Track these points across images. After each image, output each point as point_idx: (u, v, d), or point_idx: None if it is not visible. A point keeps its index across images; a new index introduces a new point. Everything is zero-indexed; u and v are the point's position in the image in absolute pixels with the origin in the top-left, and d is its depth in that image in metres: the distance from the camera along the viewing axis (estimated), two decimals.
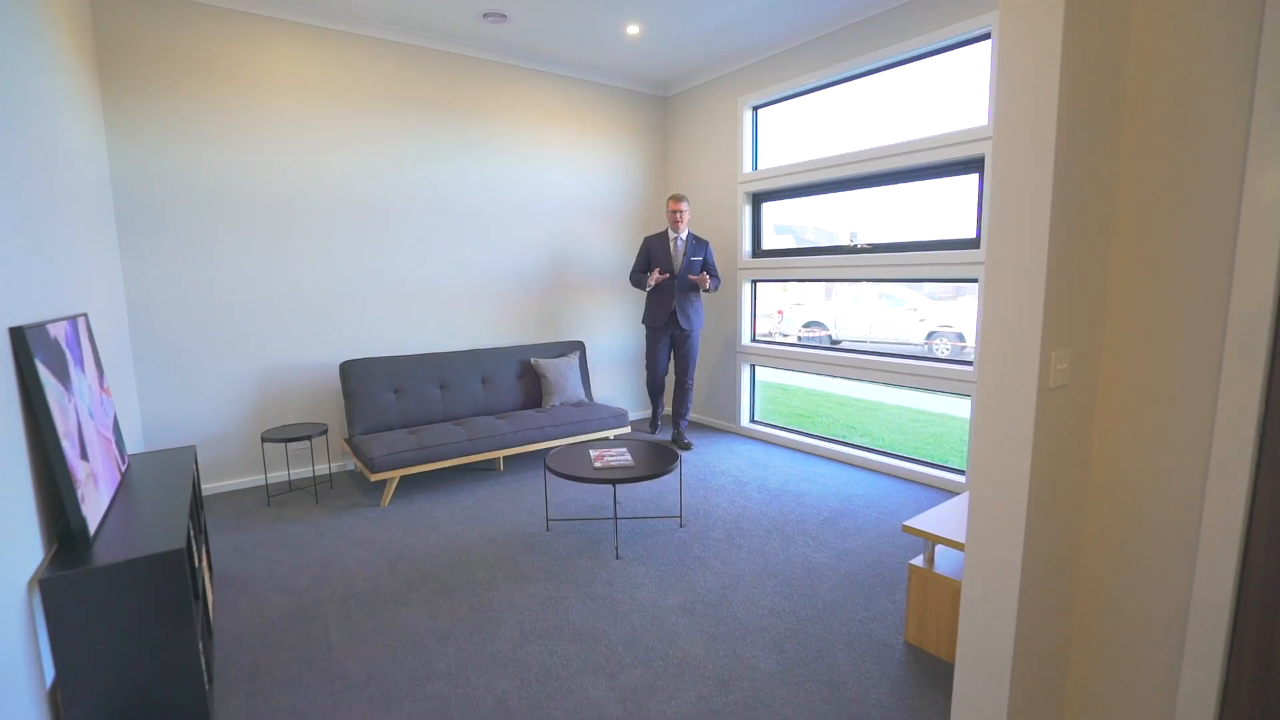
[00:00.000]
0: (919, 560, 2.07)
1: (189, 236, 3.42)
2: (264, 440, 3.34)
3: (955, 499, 2.26)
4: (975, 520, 1.38)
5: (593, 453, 3.06)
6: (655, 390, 4.55)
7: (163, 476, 2.16)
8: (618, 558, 2.75)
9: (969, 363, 3.47)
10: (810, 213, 5.25)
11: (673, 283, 4.22)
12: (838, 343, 13.31)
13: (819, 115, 4.27)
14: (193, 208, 3.41)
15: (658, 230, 4.87)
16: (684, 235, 4.27)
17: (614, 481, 2.69)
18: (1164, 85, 1.27)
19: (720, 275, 4.47)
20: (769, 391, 6.99)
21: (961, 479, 3.52)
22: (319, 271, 3.81)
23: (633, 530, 3.03)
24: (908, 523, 2.04)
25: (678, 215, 4.21)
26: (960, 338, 12.90)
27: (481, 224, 4.37)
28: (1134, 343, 1.35)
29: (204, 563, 2.30)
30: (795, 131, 4.43)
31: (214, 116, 3.42)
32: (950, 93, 3.52)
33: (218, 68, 3.41)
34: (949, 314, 11.08)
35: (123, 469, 2.15)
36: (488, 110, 4.33)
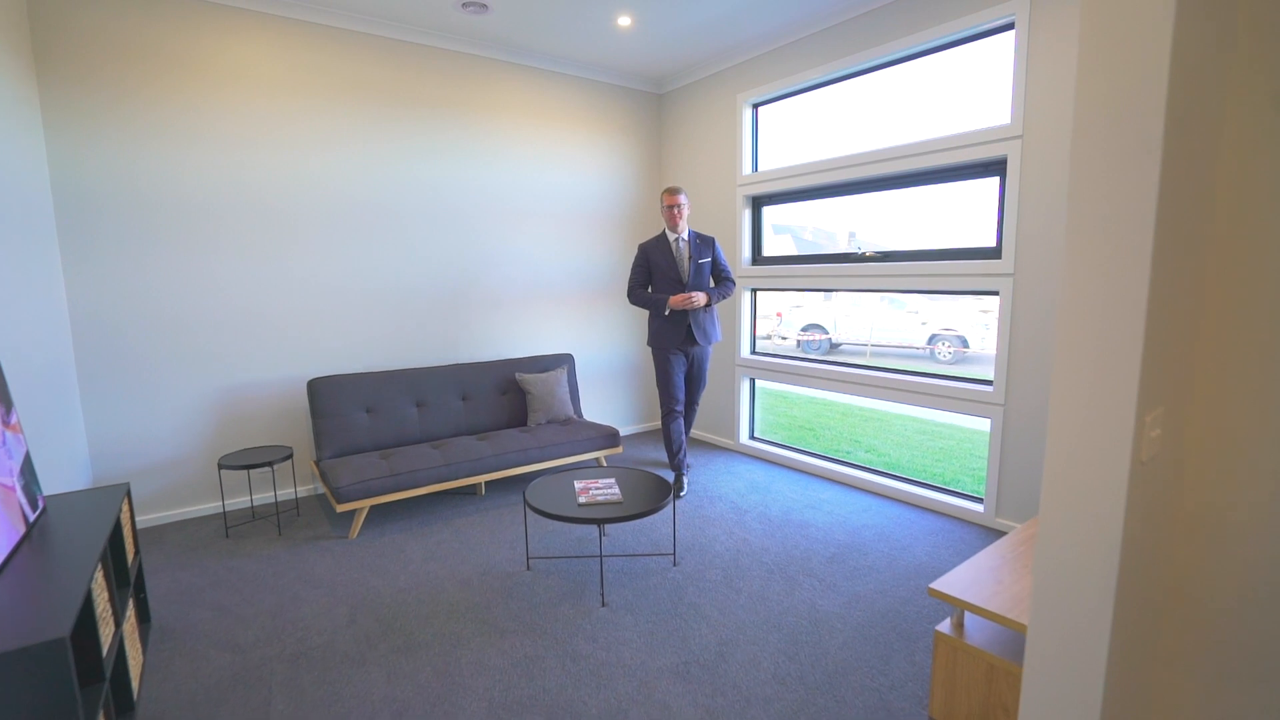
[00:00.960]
0: (945, 626, 1.80)
1: (143, 245, 3.13)
2: (221, 467, 3.06)
3: (984, 552, 1.99)
4: (1043, 616, 1.11)
5: (577, 484, 2.78)
6: (676, 426, 3.68)
7: (80, 525, 1.88)
8: (604, 604, 2.47)
9: (988, 382, 3.20)
10: (809, 212, 4.99)
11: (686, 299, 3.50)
12: (837, 345, 13.05)
13: (824, 114, 4.00)
14: (147, 214, 3.13)
15: (654, 234, 4.07)
16: (685, 235, 3.60)
17: (599, 522, 2.41)
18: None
19: (733, 276, 3.76)
20: (767, 399, 6.72)
21: (979, 507, 3.24)
22: (286, 281, 3.53)
23: (621, 570, 2.76)
24: (934, 586, 1.77)
25: (675, 210, 3.53)
26: (963, 341, 12.68)
27: (463, 229, 4.10)
28: (1236, 393, 1.08)
29: (129, 622, 2.02)
30: (798, 131, 4.16)
31: (173, 117, 3.14)
32: (968, 90, 3.25)
33: (179, 63, 3.13)
34: (950, 316, 10.90)
35: (31, 518, 1.87)
36: (470, 108, 4.05)
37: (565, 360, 4.30)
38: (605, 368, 4.89)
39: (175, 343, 3.26)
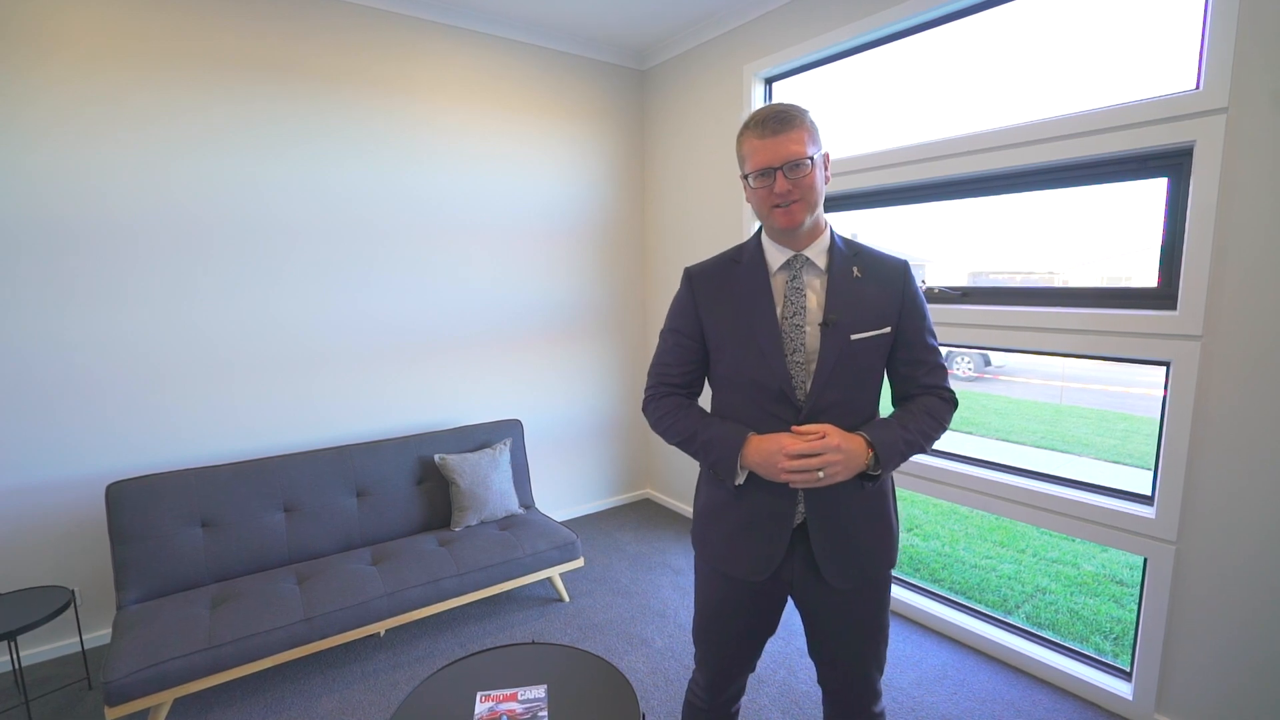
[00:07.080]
0: None
1: None
2: None
3: None
4: None
5: (481, 705, 1.64)
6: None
7: None
8: None
9: (1142, 498, 2.06)
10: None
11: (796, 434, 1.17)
12: None
13: (868, 91, 2.86)
14: None
15: (720, 250, 1.41)
16: (816, 250, 1.23)
17: None
18: None
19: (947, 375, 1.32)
20: None
21: (1123, 689, 2.10)
22: (80, 331, 2.39)
23: None
24: None
25: (779, 182, 1.14)
26: (985, 360, 11.49)
27: (367, 252, 2.95)
28: None
29: None
30: (829, 115, 3.02)
31: None
32: (1104, 43, 2.12)
33: None
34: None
35: None
36: (384, 88, 2.91)
37: (510, 430, 3.14)
38: (568, 430, 3.74)
39: None
